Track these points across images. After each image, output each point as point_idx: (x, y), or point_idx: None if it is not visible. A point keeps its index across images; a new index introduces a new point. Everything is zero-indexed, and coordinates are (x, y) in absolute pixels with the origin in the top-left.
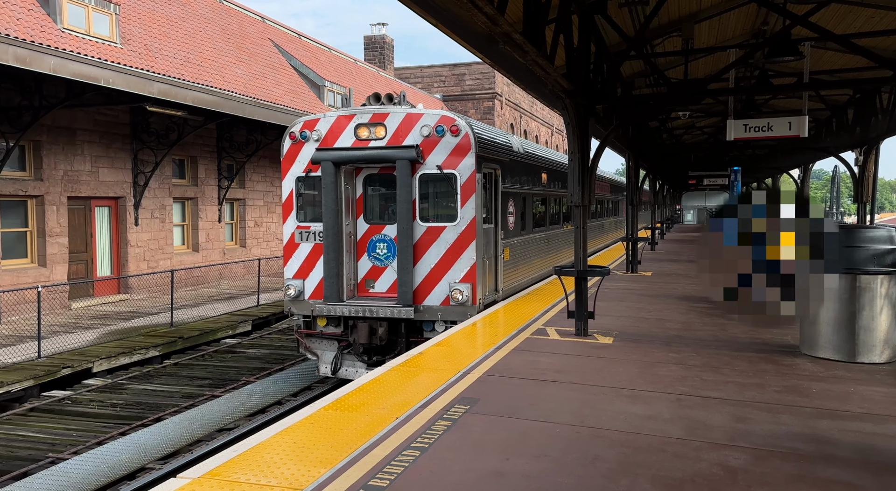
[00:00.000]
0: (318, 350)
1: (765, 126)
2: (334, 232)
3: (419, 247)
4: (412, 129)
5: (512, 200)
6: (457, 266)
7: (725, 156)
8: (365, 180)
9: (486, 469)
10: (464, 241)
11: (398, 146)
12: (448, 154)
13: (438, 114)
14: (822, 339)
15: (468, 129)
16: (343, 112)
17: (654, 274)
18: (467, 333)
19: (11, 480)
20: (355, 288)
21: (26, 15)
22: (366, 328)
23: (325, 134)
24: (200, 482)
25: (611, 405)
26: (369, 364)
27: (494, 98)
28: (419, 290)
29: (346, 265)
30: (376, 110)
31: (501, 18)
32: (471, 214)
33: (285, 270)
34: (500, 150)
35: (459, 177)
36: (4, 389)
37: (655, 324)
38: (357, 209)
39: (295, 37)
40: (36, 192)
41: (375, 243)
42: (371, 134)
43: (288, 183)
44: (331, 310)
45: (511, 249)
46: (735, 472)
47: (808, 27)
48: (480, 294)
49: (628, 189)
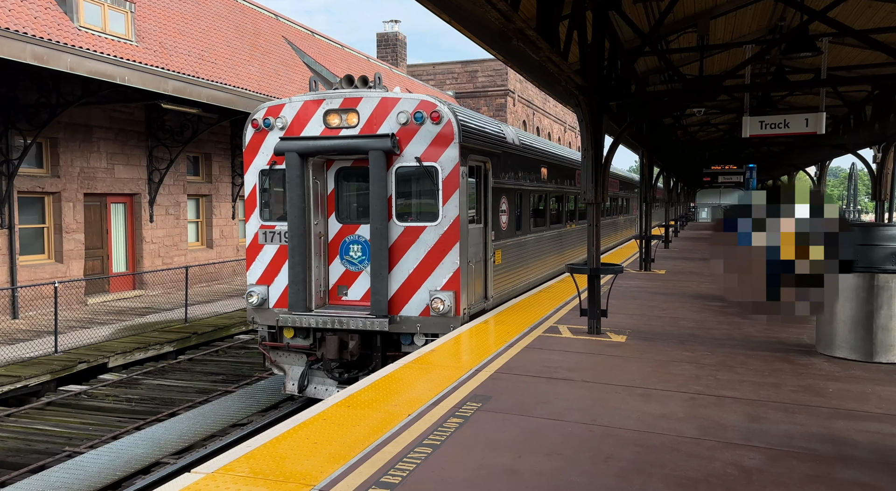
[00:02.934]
0: (284, 365)
1: (781, 123)
2: (300, 232)
3: (395, 250)
4: (388, 115)
5: (505, 197)
6: (438, 272)
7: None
8: (337, 174)
9: (498, 467)
10: (446, 244)
11: (371, 135)
12: (428, 144)
13: (417, 98)
14: (838, 338)
15: (451, 116)
16: (311, 96)
17: (667, 272)
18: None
19: (29, 473)
20: (326, 295)
21: (44, 13)
22: (335, 342)
23: (291, 121)
24: (214, 477)
25: (624, 404)
26: (340, 382)
27: (507, 95)
28: (395, 298)
29: (314, 270)
30: (348, 95)
31: (515, 14)
32: (454, 213)
33: (248, 275)
34: (490, 141)
35: (441, 170)
36: (22, 384)
37: (669, 322)
38: (328, 206)
39: (308, 34)
40: (53, 189)
41: (349, 245)
42: (342, 121)
43: (251, 177)
44: (295, 320)
45: (504, 252)
46: (750, 472)
47: (826, 22)
48: (465, 303)
49: (642, 186)
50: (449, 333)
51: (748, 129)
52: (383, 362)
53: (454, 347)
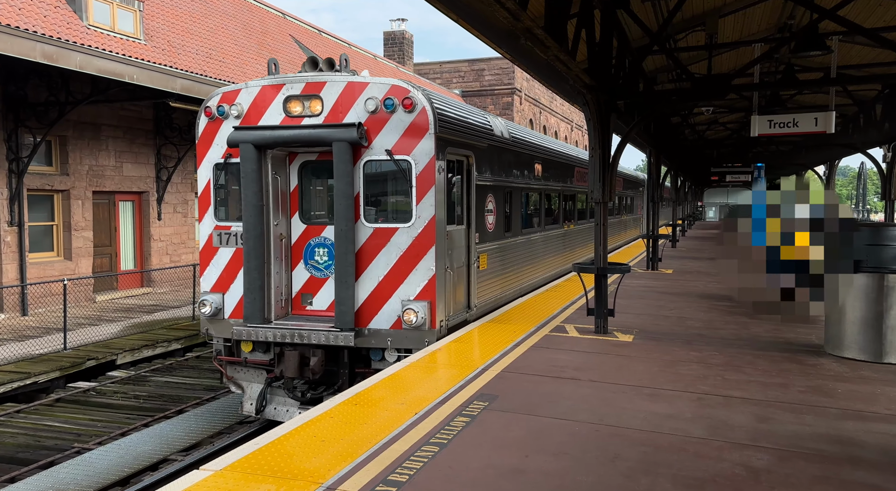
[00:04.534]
0: (242, 382)
1: (790, 122)
2: (257, 233)
3: (363, 254)
4: (354, 102)
5: (492, 196)
6: (411, 279)
7: (748, 152)
8: (301, 169)
9: (505, 466)
10: (420, 247)
11: (335, 125)
12: (400, 135)
13: (387, 83)
14: (847, 338)
15: (425, 104)
16: (269, 81)
17: (675, 271)
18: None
19: (38, 469)
20: (289, 304)
21: (53, 12)
22: (295, 358)
23: (248, 109)
24: (223, 474)
25: (631, 404)
26: (303, 402)
27: (514, 93)
28: (363, 309)
29: (274, 276)
30: (310, 79)
31: (523, 13)
32: (429, 213)
33: (201, 282)
34: (473, 133)
35: (414, 164)
36: (32, 380)
37: (676, 322)
38: (291, 205)
39: (315, 33)
40: (62, 187)
41: (314, 248)
42: (305, 109)
43: (204, 172)
44: (250, 333)
45: (490, 256)
46: (758, 472)
47: (836, 21)
48: (442, 315)
49: (649, 185)
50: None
51: (757, 128)
52: (351, 380)
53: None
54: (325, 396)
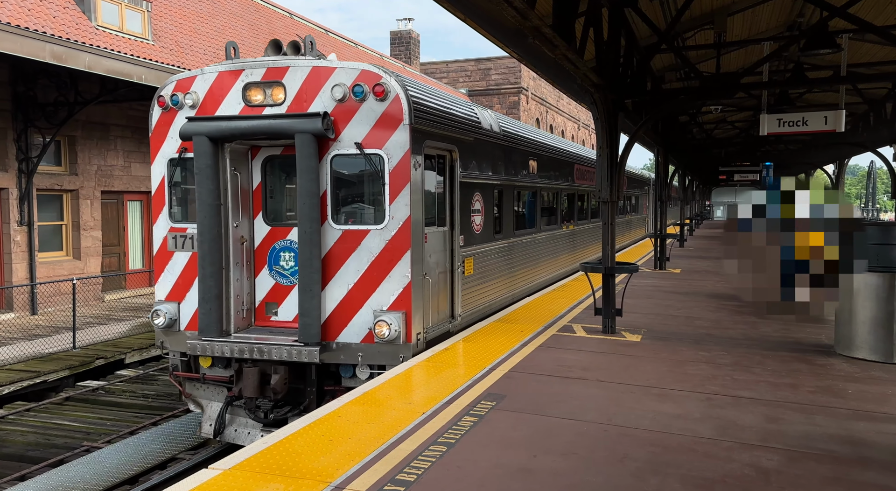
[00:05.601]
0: (202, 400)
1: (799, 120)
2: (212, 236)
3: (331, 259)
4: (320, 89)
5: (480, 195)
6: (384, 287)
7: (757, 151)
8: (265, 164)
9: (513, 465)
10: (394, 252)
11: (298, 114)
12: (371, 126)
13: (357, 68)
14: (858, 338)
15: (399, 91)
16: (227, 66)
17: (683, 271)
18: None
19: (48, 467)
20: (252, 315)
21: (62, 13)
22: (254, 375)
23: (204, 97)
24: (231, 473)
25: (639, 404)
26: (266, 424)
27: (520, 93)
28: (331, 321)
29: (234, 283)
30: (272, 64)
31: (531, 12)
32: (404, 213)
33: (156, 289)
34: (457, 125)
35: (387, 159)
36: (41, 379)
37: (684, 322)
38: (254, 205)
39: (322, 33)
40: (71, 187)
41: (279, 253)
42: (266, 97)
43: (158, 168)
44: (205, 348)
45: (477, 260)
46: (768, 473)
47: (846, 19)
48: (420, 327)
49: (657, 184)
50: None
51: (766, 126)
52: (319, 399)
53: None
54: (291, 417)
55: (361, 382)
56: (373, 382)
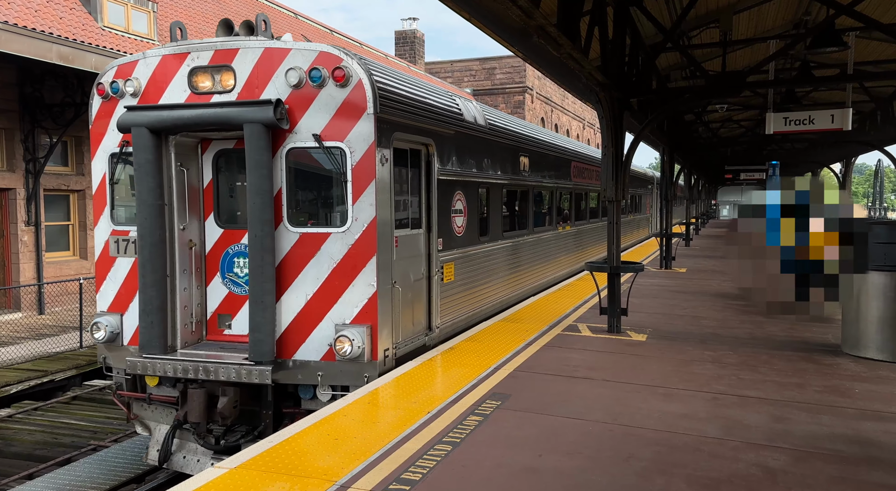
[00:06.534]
0: (150, 422)
1: (806, 119)
2: (153, 240)
3: (287, 266)
4: (274, 73)
5: (462, 194)
6: (347, 298)
7: (763, 149)
8: (216, 160)
9: (518, 465)
10: (357, 258)
11: (247, 102)
12: (331, 116)
13: (314, 50)
14: (865, 338)
15: (362, 76)
16: (171, 49)
17: (688, 270)
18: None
19: (56, 466)
20: (202, 328)
21: (69, 14)
22: (200, 398)
23: (146, 84)
24: (238, 472)
25: (645, 403)
26: (217, 451)
27: (525, 92)
28: (288, 336)
29: (182, 293)
30: (220, 45)
31: (536, 11)
32: (369, 214)
33: (97, 299)
34: (434, 116)
35: (349, 153)
36: (49, 378)
37: (690, 321)
38: (205, 205)
39: (327, 33)
40: (77, 187)
41: (233, 258)
42: (215, 84)
43: (98, 164)
44: (146, 366)
45: (458, 266)
46: (774, 473)
47: (853, 17)
48: (387, 342)
49: (663, 183)
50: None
51: (772, 125)
52: (277, 423)
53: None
54: (244, 443)
55: (323, 404)
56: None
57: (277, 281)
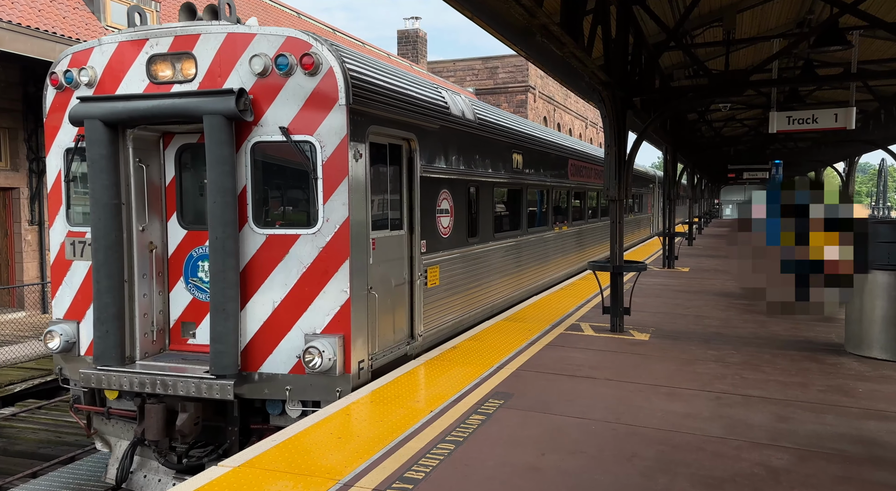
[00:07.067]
0: (110, 437)
1: (809, 118)
2: (108, 243)
3: (253, 271)
4: (237, 61)
5: (448, 192)
6: (318, 305)
7: (766, 149)
8: (179, 156)
9: (521, 464)
10: (329, 261)
11: (208, 92)
12: (300, 107)
13: (281, 34)
14: (869, 337)
15: (333, 63)
16: (129, 35)
17: (691, 269)
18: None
19: (59, 465)
20: (165, 337)
21: (72, 13)
22: (159, 414)
23: (102, 73)
24: (241, 470)
25: (648, 402)
26: (179, 470)
27: (528, 91)
28: (253, 346)
29: (141, 299)
30: (180, 31)
31: (539, 10)
32: (341, 214)
33: (53, 306)
34: (416, 109)
35: (319, 148)
36: (52, 377)
37: (693, 320)
38: (167, 204)
39: (330, 32)
40: None
41: (197, 262)
42: (176, 72)
43: (54, 160)
44: (100, 379)
45: (444, 269)
46: (778, 472)
47: (857, 15)
48: (362, 353)
49: (666, 183)
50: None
51: (775, 124)
52: (245, 439)
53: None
54: (208, 462)
55: (293, 420)
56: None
57: (242, 287)
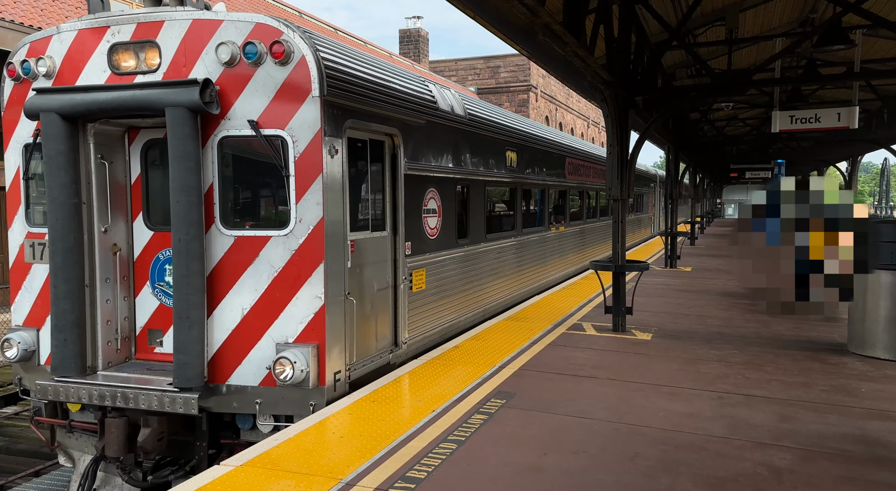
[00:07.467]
0: (73, 451)
1: (812, 117)
2: (67, 245)
3: (220, 275)
4: (203, 49)
5: (436, 191)
6: (290, 312)
7: (769, 148)
8: (145, 151)
9: (523, 463)
10: (302, 265)
11: (170, 82)
12: (270, 99)
13: (250, 21)
14: (872, 337)
15: (306, 52)
16: (89, 22)
17: (693, 269)
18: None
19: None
20: (130, 345)
21: (74, 13)
22: (120, 429)
23: (61, 64)
24: (243, 470)
25: (650, 402)
26: (144, 488)
27: (529, 90)
28: (221, 356)
29: (104, 305)
30: (143, 18)
31: (542, 9)
32: (315, 214)
33: (12, 311)
34: (399, 103)
35: (291, 143)
36: None
37: (696, 320)
38: (133, 203)
39: (332, 31)
40: None
41: (164, 265)
42: (140, 62)
43: (12, 156)
44: (58, 391)
45: (431, 272)
46: (780, 472)
47: (860, 14)
48: (339, 363)
49: (668, 182)
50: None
51: (778, 124)
52: (215, 453)
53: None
54: (174, 480)
55: (265, 435)
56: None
57: (209, 292)
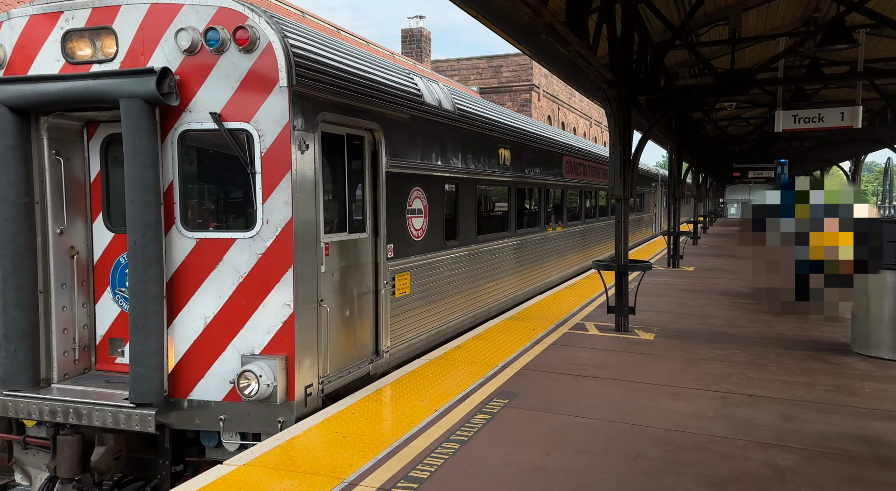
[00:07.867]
0: (31, 468)
1: (815, 117)
2: (17, 248)
3: (181, 281)
4: (162, 36)
5: (421, 190)
6: (256, 321)
7: (772, 147)
8: (106, 147)
9: (526, 463)
10: (270, 270)
11: (125, 71)
12: (234, 90)
13: (213, 5)
14: (875, 337)
15: (273, 38)
16: (40, 8)
17: (696, 269)
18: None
19: None
20: (90, 355)
21: None
22: (73, 447)
23: (12, 52)
24: (246, 469)
25: (653, 402)
26: None
27: (532, 90)
28: (182, 369)
29: (60, 313)
30: (99, 3)
31: (545, 9)
32: (284, 215)
33: None
34: (379, 95)
35: (258, 137)
36: None
37: (698, 320)
38: (92, 203)
39: (333, 31)
40: None
41: (125, 270)
42: (97, 51)
43: None
44: (7, 406)
45: (416, 276)
46: (783, 472)
47: (864, 13)
48: (311, 376)
49: (671, 182)
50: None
51: (781, 123)
52: (179, 472)
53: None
54: None
55: (230, 454)
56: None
57: (169, 299)
